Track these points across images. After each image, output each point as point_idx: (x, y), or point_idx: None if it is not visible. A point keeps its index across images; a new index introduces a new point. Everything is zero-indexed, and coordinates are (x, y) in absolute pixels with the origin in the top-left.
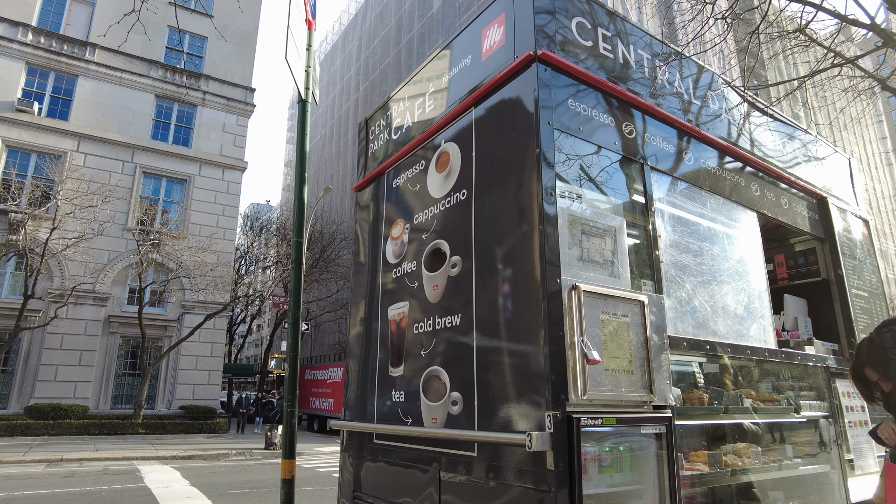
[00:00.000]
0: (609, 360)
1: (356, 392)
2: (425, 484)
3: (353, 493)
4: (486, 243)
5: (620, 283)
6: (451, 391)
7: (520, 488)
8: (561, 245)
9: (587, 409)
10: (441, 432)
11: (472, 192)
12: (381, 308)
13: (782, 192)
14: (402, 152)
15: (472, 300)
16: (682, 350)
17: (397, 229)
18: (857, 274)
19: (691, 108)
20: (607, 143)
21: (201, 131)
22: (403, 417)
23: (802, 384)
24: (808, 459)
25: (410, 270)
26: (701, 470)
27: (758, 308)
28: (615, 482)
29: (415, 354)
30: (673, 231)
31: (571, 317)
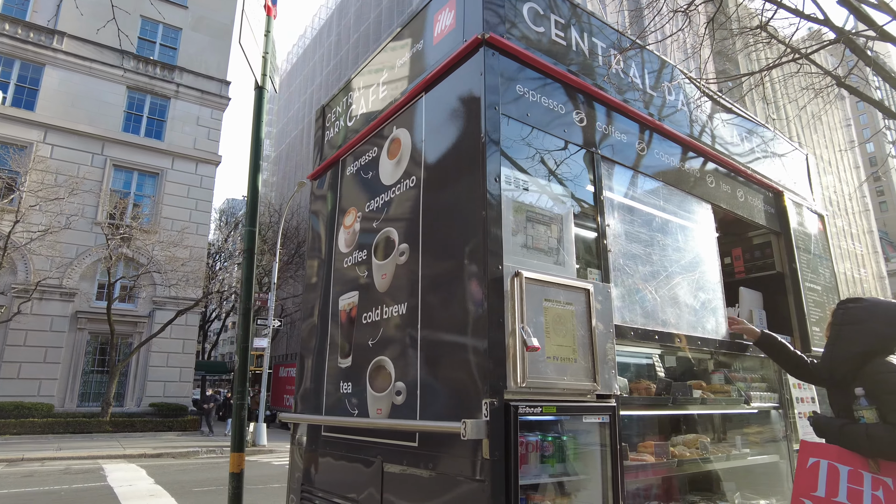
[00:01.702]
0: (552, 348)
1: (307, 384)
2: (369, 477)
3: (302, 488)
4: (433, 230)
5: (566, 272)
6: (395, 381)
7: (457, 479)
8: (504, 232)
9: (526, 396)
10: (381, 423)
11: (421, 178)
12: (333, 299)
13: (739, 185)
14: (357, 139)
15: (417, 289)
16: (630, 339)
17: (350, 218)
18: (811, 268)
19: (647, 99)
20: (556, 131)
21: (174, 124)
22: (351, 409)
23: (754, 376)
24: (758, 450)
25: (361, 260)
26: (647, 460)
27: (711, 299)
28: (557, 472)
29: (363, 345)
30: (623, 221)
31: (513, 304)
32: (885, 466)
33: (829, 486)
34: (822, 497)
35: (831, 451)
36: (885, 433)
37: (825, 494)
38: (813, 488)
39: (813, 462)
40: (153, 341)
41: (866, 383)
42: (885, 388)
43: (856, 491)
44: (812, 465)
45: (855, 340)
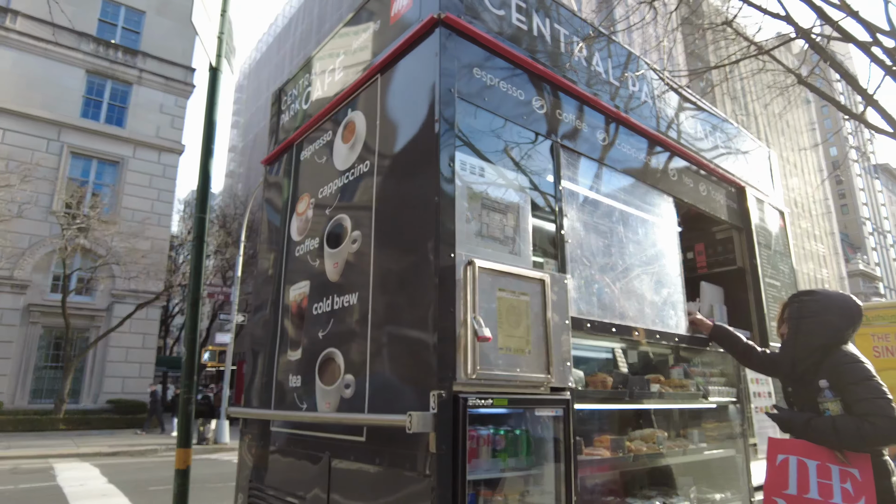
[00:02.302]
0: (505, 339)
1: (257, 378)
2: (317, 474)
3: (250, 486)
4: (386, 217)
5: (521, 261)
6: (344, 374)
7: (403, 474)
8: (458, 219)
9: (476, 388)
10: (326, 416)
11: (375, 163)
12: (284, 289)
13: (702, 180)
14: (311, 122)
15: (369, 278)
16: (587, 332)
17: (303, 204)
18: (771, 264)
19: (611, 90)
20: (515, 117)
21: (137, 111)
22: (300, 403)
23: (713, 370)
24: (715, 444)
25: (313, 248)
26: (602, 455)
27: (671, 293)
28: (509, 467)
29: (313, 337)
30: (582, 211)
31: (465, 293)
32: (852, 457)
33: (800, 482)
34: (793, 495)
35: (798, 446)
36: (853, 425)
37: (797, 491)
38: (784, 486)
39: (782, 459)
40: (111, 336)
41: (829, 375)
42: (849, 378)
43: (825, 485)
44: (781, 463)
45: (814, 333)
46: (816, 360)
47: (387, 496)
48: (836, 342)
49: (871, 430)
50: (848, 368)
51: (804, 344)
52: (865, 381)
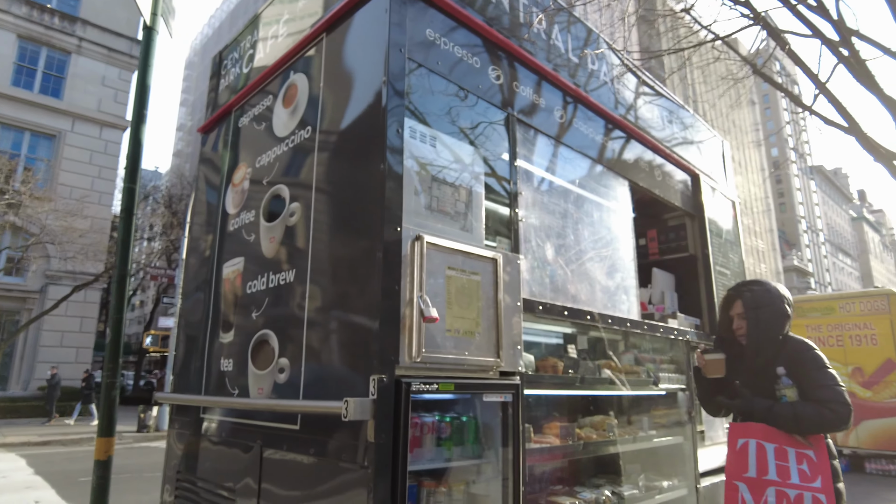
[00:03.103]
0: (453, 320)
1: (187, 361)
2: (248, 463)
3: (178, 477)
4: (327, 187)
5: (473, 239)
6: (279, 357)
7: (339, 465)
8: (406, 190)
9: (421, 372)
10: (257, 403)
11: (317, 129)
12: (216, 266)
13: (657, 165)
14: (251, 86)
15: (307, 253)
16: (539, 314)
17: (239, 175)
18: (722, 252)
19: (570, 67)
20: (470, 86)
21: (76, 82)
22: (231, 388)
23: (664, 357)
24: (664, 431)
25: (248, 221)
26: (551, 443)
27: (623, 278)
28: (455, 456)
29: (246, 317)
30: (537, 190)
31: (412, 270)
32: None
33: (759, 464)
34: (753, 477)
35: (757, 429)
36: (813, 411)
37: (756, 474)
38: (744, 469)
39: (742, 443)
40: (45, 319)
41: (788, 363)
42: (811, 365)
43: (783, 467)
44: (742, 447)
45: (773, 323)
46: (776, 350)
47: (322, 488)
48: (788, 330)
49: (831, 416)
50: (809, 356)
51: (766, 334)
52: (825, 369)
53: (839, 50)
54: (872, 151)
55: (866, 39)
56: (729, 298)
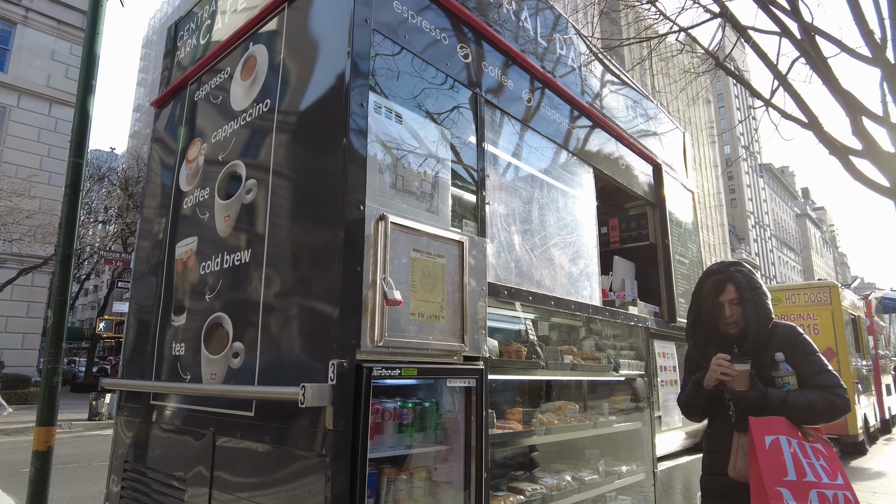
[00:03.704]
0: (417, 304)
1: (137, 345)
2: (200, 452)
3: (125, 467)
4: (286, 163)
5: (439, 221)
6: (233, 341)
7: (295, 453)
8: (370, 168)
9: (383, 357)
10: (209, 388)
11: (276, 102)
12: (169, 246)
13: (621, 154)
14: (208, 58)
15: (264, 232)
16: (503, 299)
17: (194, 150)
18: (681, 241)
19: (539, 51)
20: (438, 62)
21: (22, 55)
22: (183, 374)
23: (624, 344)
24: (623, 417)
25: (203, 199)
26: (514, 428)
27: (586, 265)
28: (416, 442)
29: (199, 299)
30: (504, 173)
31: (375, 251)
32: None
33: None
34: (794, 481)
35: (781, 424)
36: (821, 398)
37: (796, 476)
38: (783, 472)
39: (772, 441)
40: None
41: (783, 348)
42: (808, 349)
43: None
44: (773, 445)
45: (765, 305)
46: (769, 333)
47: (278, 477)
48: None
49: (840, 402)
50: (802, 341)
51: (763, 317)
52: (818, 354)
53: (802, 45)
54: (828, 145)
55: (826, 37)
56: (718, 283)
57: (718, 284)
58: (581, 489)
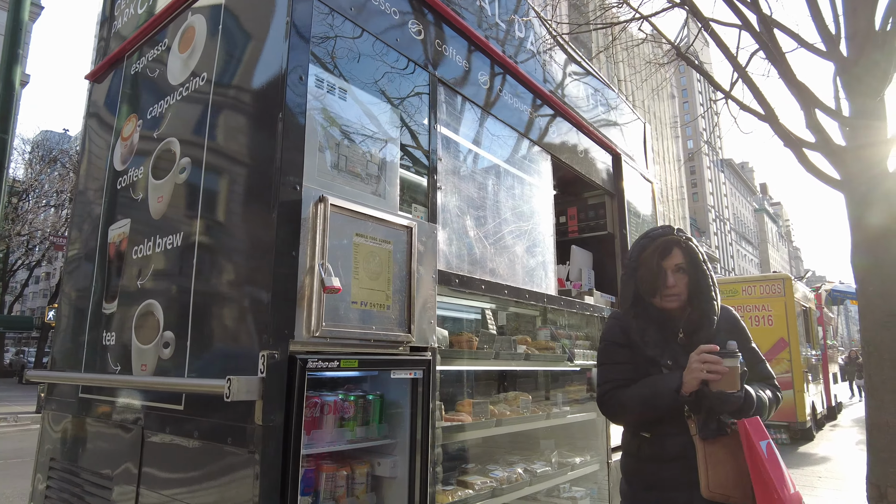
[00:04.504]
0: (360, 292)
1: (65, 335)
2: (128, 448)
3: (51, 464)
4: (221, 140)
5: (386, 204)
6: (163, 330)
7: (224, 449)
8: (308, 146)
9: (320, 348)
10: (138, 381)
11: (213, 76)
12: (102, 229)
13: (580, 141)
14: (145, 28)
15: (196, 214)
16: (455, 287)
17: (129, 126)
18: (639, 232)
19: (497, 32)
20: (388, 38)
21: None
22: (113, 365)
23: (579, 333)
24: (578, 407)
25: (137, 179)
26: (463, 420)
27: (542, 253)
28: (358, 436)
29: (131, 286)
30: (457, 158)
31: (313, 235)
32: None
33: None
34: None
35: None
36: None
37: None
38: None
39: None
40: None
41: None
42: (748, 336)
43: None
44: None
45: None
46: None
47: (206, 474)
48: None
49: (780, 395)
50: (743, 326)
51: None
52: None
53: (761, 36)
54: (783, 138)
55: (784, 29)
56: (665, 245)
57: (665, 248)
58: (533, 481)
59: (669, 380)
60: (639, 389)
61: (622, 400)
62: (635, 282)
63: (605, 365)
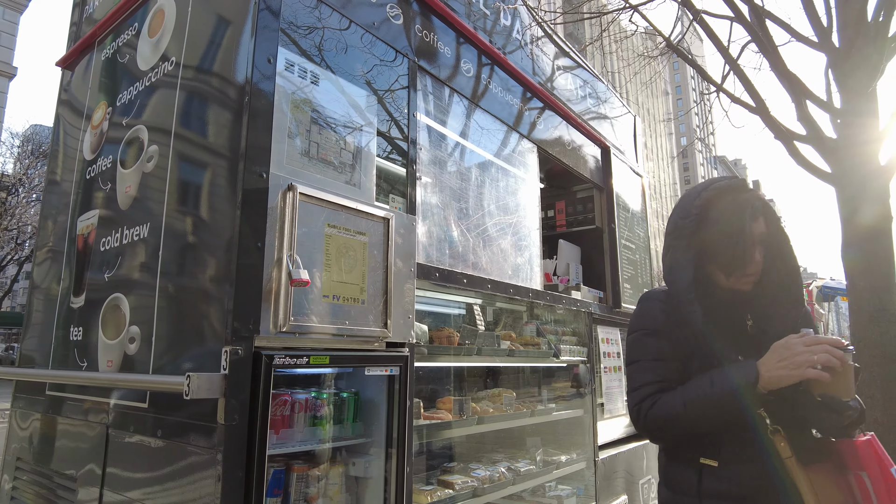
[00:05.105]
0: (332, 285)
1: (36, 331)
2: (92, 447)
3: (17, 465)
4: (187, 127)
5: (361, 194)
6: (129, 325)
7: (187, 449)
8: (276, 131)
9: (288, 343)
10: (101, 377)
11: (181, 61)
12: (71, 220)
13: (567, 133)
14: (117, 11)
15: (163, 204)
16: (435, 281)
17: (99, 114)
18: (628, 226)
19: (481, 18)
20: (364, 21)
21: None
22: (80, 361)
23: (566, 329)
24: (564, 404)
25: (105, 168)
26: (443, 418)
27: (528, 247)
28: (332, 435)
29: (98, 279)
30: (438, 148)
31: (281, 225)
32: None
33: None
34: None
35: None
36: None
37: None
38: None
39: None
40: None
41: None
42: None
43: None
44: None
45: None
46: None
47: (169, 475)
48: None
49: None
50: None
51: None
52: None
53: (752, 27)
54: (774, 130)
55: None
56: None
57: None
58: (516, 480)
59: (739, 371)
60: (697, 389)
61: (673, 407)
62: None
63: (642, 362)
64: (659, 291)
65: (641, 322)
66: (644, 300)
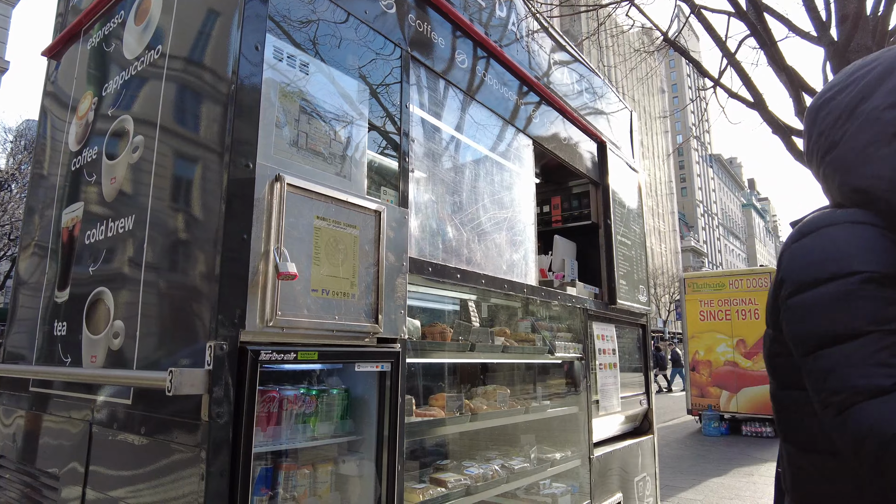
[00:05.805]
0: (322, 279)
1: (20, 326)
2: (75, 444)
3: (0, 462)
4: (174, 116)
5: (352, 186)
6: (114, 319)
7: (170, 446)
8: (263, 120)
9: (275, 339)
10: (83, 373)
11: (168, 49)
12: (56, 213)
13: (563, 127)
14: (103, 0)
15: (148, 196)
16: (428, 276)
17: (84, 104)
18: (624, 222)
19: (477, 11)
20: (356, 9)
21: None
22: (64, 356)
23: (561, 325)
24: (559, 401)
25: (91, 159)
26: (435, 415)
27: (522, 242)
28: (321, 433)
29: (83, 272)
30: (432, 140)
31: (268, 217)
32: None
33: None
34: None
35: None
36: None
37: None
38: None
39: None
40: None
41: None
42: None
43: None
44: None
45: None
46: None
47: (153, 473)
48: None
49: None
50: None
51: None
52: None
53: (750, 20)
54: (772, 125)
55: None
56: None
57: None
58: (510, 478)
59: None
60: None
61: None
62: None
63: (874, 335)
64: (858, 213)
65: (858, 260)
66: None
